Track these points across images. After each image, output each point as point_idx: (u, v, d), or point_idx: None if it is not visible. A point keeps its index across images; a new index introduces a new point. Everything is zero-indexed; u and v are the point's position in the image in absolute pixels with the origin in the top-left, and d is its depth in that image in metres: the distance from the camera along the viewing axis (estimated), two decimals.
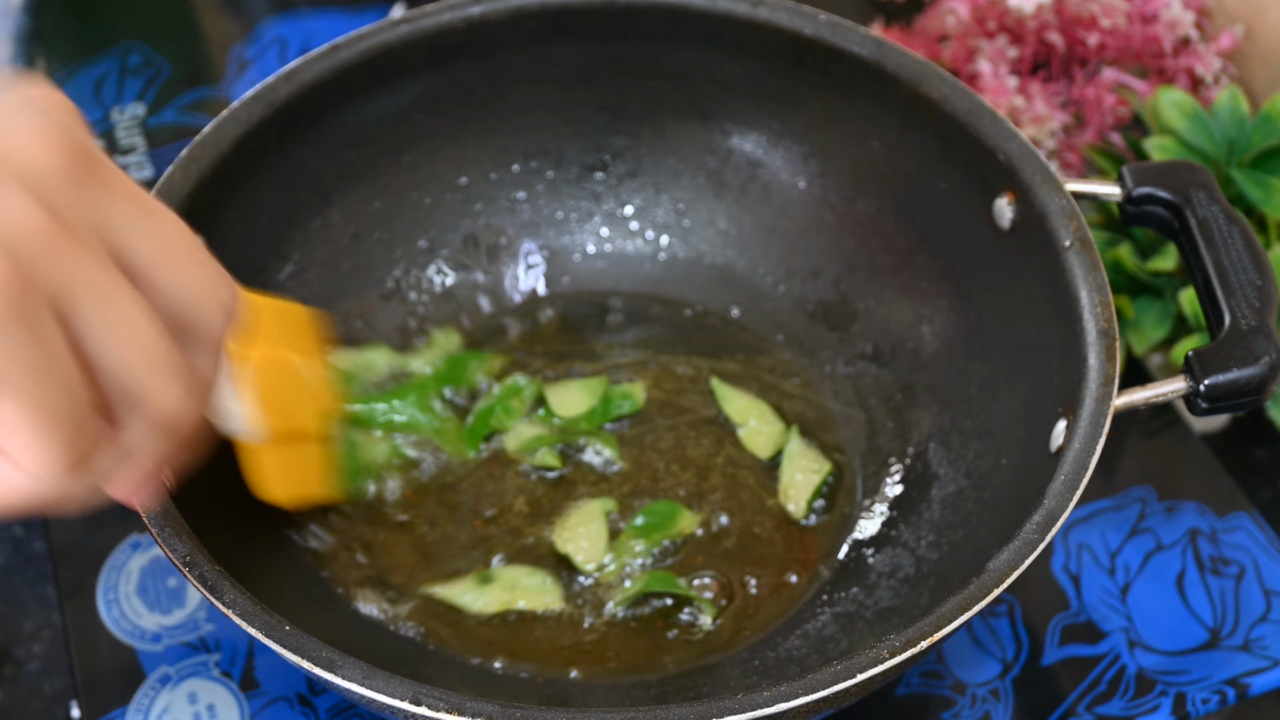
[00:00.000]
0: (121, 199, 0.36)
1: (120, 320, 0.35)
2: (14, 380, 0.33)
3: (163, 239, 0.37)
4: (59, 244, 0.34)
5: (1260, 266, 0.56)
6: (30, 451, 0.34)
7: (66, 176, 0.35)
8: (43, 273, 0.33)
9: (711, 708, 0.46)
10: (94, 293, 0.34)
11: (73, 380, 0.34)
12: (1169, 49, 0.75)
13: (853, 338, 0.69)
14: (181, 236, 0.38)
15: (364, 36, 0.65)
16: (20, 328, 0.33)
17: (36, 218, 0.34)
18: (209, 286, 0.38)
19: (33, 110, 0.36)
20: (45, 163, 0.35)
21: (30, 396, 0.33)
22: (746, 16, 0.66)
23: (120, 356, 0.35)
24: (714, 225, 0.71)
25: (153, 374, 0.36)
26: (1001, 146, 0.61)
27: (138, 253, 0.36)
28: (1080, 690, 0.61)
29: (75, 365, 0.34)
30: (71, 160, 0.35)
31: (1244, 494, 0.67)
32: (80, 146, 0.36)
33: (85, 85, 0.84)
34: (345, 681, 0.47)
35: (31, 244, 0.33)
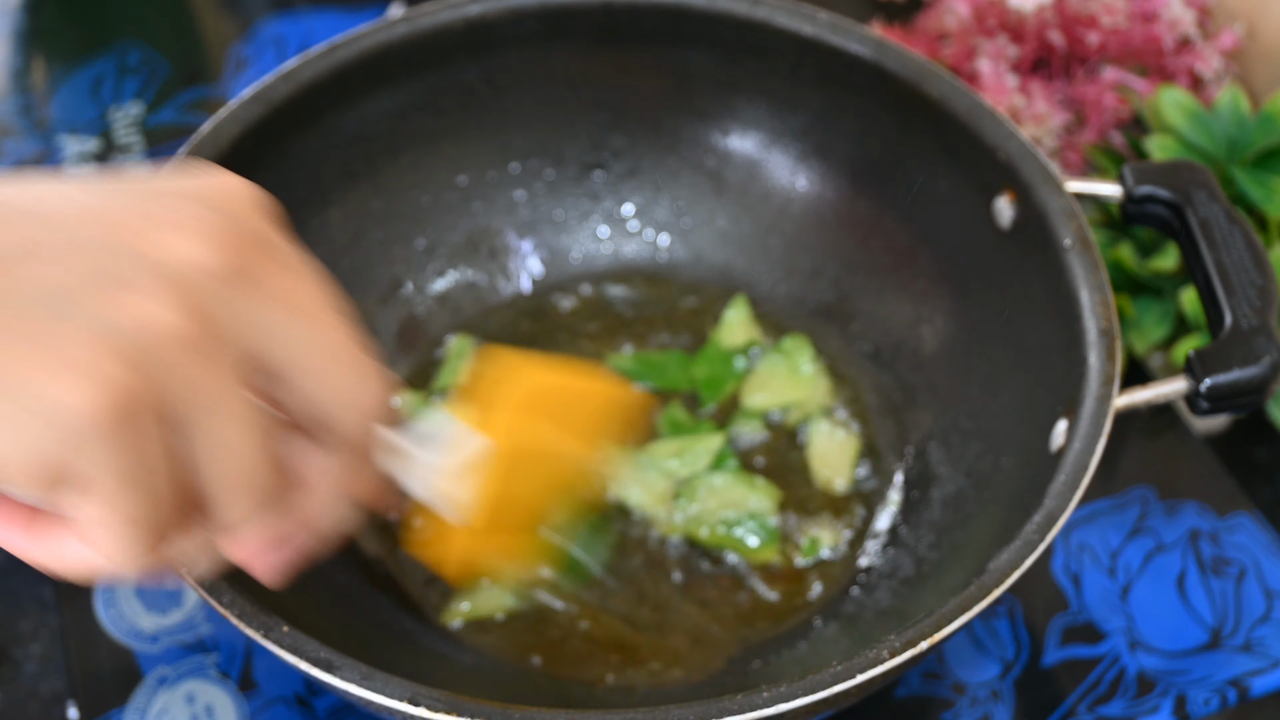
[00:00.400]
0: (277, 298, 0.36)
1: (224, 441, 0.35)
2: (102, 486, 0.33)
3: (310, 341, 0.36)
4: (188, 353, 0.33)
5: (1261, 266, 0.56)
6: (107, 546, 0.35)
7: (217, 277, 0.35)
8: (162, 382, 0.33)
9: (711, 708, 0.46)
10: (208, 408, 0.34)
11: (161, 490, 0.34)
12: (1169, 48, 0.75)
13: (852, 338, 0.68)
14: (333, 339, 0.37)
15: (362, 36, 0.65)
16: (121, 438, 0.33)
17: (172, 322, 0.33)
18: (347, 392, 0.37)
19: (199, 202, 0.36)
20: (198, 261, 0.34)
21: (115, 502, 0.34)
22: (746, 16, 0.66)
23: (213, 475, 0.35)
24: (714, 225, 0.71)
25: (237, 495, 0.36)
26: (1002, 146, 0.61)
27: (277, 356, 0.36)
28: (1081, 691, 0.60)
29: (168, 475, 0.34)
30: (227, 258, 0.35)
31: (1245, 494, 0.67)
32: (242, 244, 0.35)
33: (83, 84, 0.84)
34: (343, 682, 0.47)
35: (159, 351, 0.33)
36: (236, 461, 0.35)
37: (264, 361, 0.36)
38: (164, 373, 0.33)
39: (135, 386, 0.32)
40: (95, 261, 0.33)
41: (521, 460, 0.45)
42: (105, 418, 0.32)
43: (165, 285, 0.33)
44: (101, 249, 0.34)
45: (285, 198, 0.65)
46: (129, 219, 0.34)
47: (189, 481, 0.35)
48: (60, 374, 0.32)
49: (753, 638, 0.61)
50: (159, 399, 0.33)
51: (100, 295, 0.33)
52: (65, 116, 0.82)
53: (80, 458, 0.32)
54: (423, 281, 0.70)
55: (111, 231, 0.34)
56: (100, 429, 0.32)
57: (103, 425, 0.32)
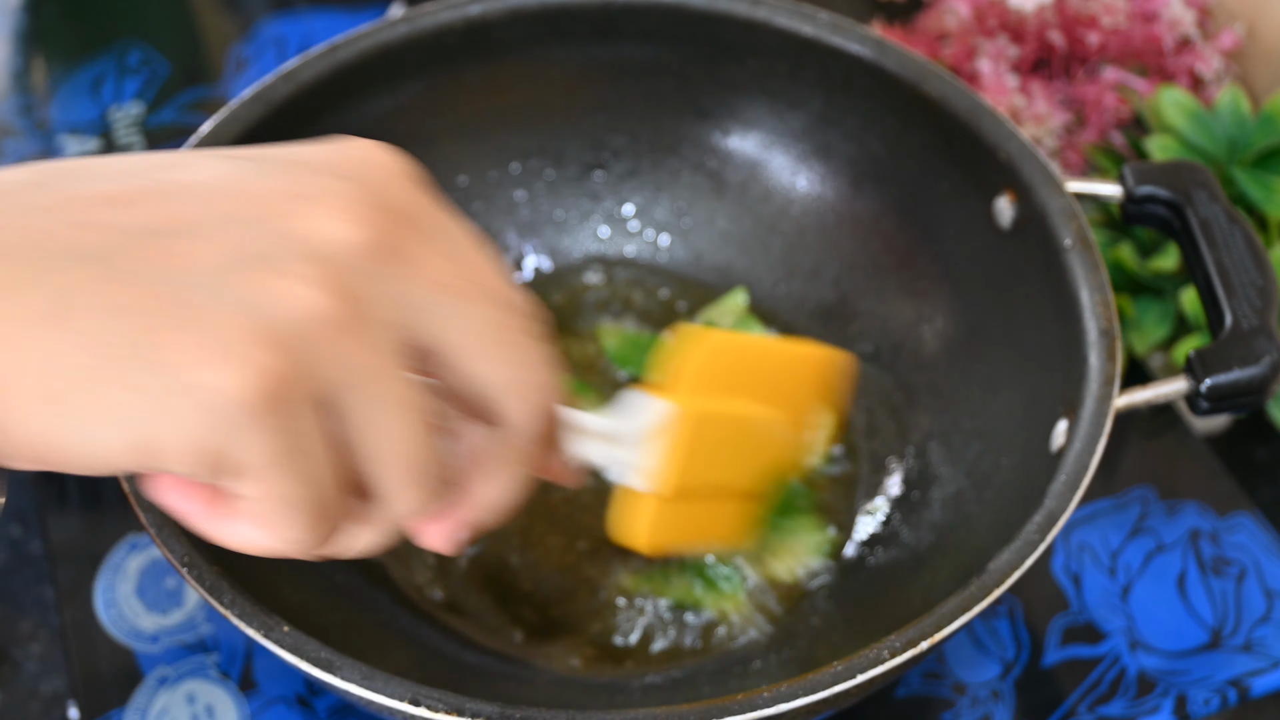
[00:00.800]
0: (430, 274, 0.34)
1: (384, 426, 0.34)
2: (257, 470, 0.33)
3: (468, 320, 0.35)
4: (339, 334, 0.33)
5: (1261, 266, 0.56)
6: (272, 529, 0.34)
7: (366, 255, 0.33)
8: (313, 366, 0.32)
9: (712, 708, 0.46)
10: (364, 391, 0.33)
11: (320, 474, 0.34)
12: (1170, 48, 0.75)
13: (853, 337, 0.68)
14: (492, 318, 0.35)
15: (362, 36, 0.65)
16: (274, 422, 0.32)
17: (323, 304, 0.32)
18: (513, 378, 0.36)
19: (344, 174, 0.35)
20: (346, 238, 0.33)
21: (270, 486, 0.33)
22: (746, 16, 0.66)
23: (377, 462, 0.34)
24: (714, 225, 0.71)
25: (402, 480, 0.35)
26: (1002, 146, 0.61)
27: (435, 337, 0.35)
28: (1081, 691, 0.60)
29: (327, 460, 0.34)
30: (376, 234, 0.34)
31: (1245, 494, 0.67)
32: (390, 218, 0.34)
33: (83, 84, 0.84)
34: (343, 682, 0.47)
35: (309, 335, 0.32)
36: (399, 447, 0.34)
37: (421, 342, 0.34)
38: (317, 356, 0.32)
39: (287, 370, 0.32)
40: (243, 241, 0.33)
41: (711, 425, 0.44)
42: (257, 402, 0.32)
43: (314, 266, 0.33)
44: (249, 228, 0.33)
45: None
46: (274, 196, 0.34)
47: (353, 466, 0.34)
48: (212, 358, 0.31)
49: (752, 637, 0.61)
50: (313, 383, 0.32)
51: (249, 276, 0.32)
52: (65, 116, 0.82)
53: (233, 442, 0.32)
54: None
55: (258, 209, 0.33)
56: (252, 413, 0.32)
57: (255, 410, 0.32)
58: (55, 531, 0.65)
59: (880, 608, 0.59)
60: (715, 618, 0.61)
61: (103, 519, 0.65)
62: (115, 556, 0.64)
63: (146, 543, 0.64)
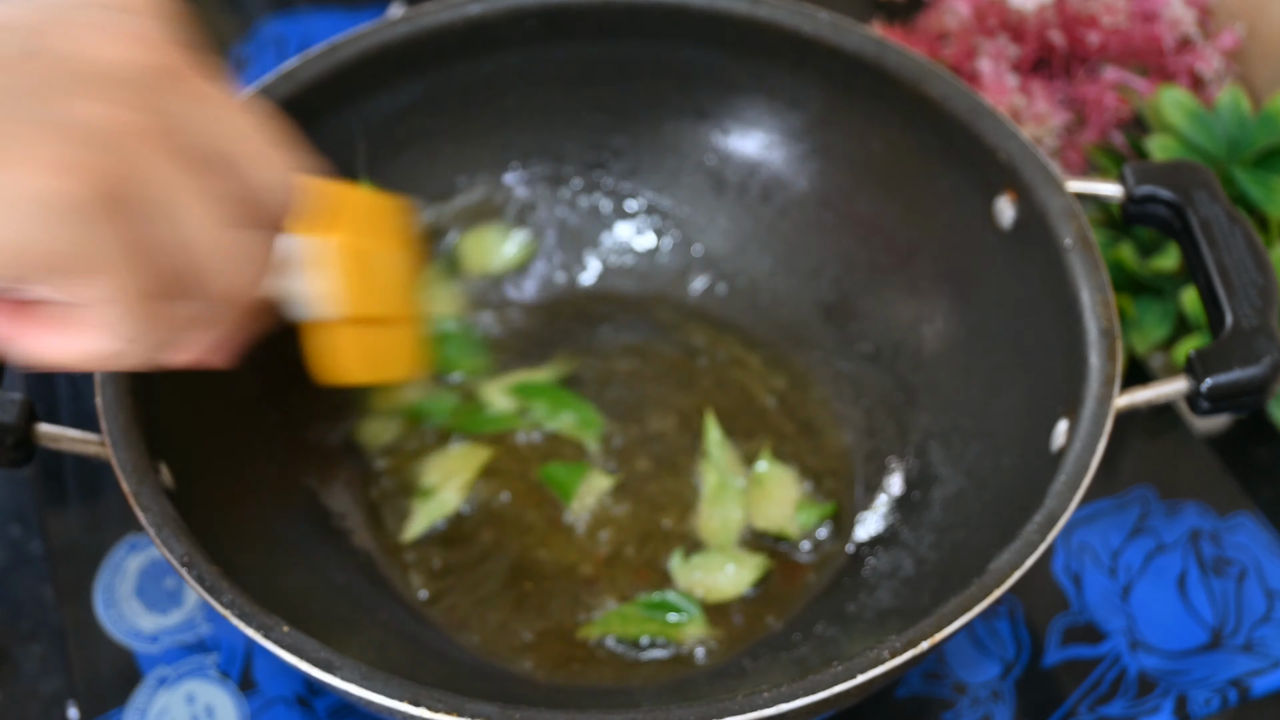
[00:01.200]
0: (205, 95, 0.39)
1: (190, 210, 0.38)
2: (109, 263, 0.36)
3: (243, 132, 0.39)
4: (150, 143, 0.37)
5: (1262, 266, 0.56)
6: (112, 324, 0.38)
7: (154, 74, 0.37)
8: (134, 168, 0.36)
9: (712, 709, 0.46)
10: (168, 184, 0.37)
11: (158, 264, 0.37)
12: (1170, 47, 0.75)
13: (853, 338, 0.68)
14: (253, 132, 0.40)
15: (362, 36, 0.65)
16: (116, 216, 0.36)
17: (131, 117, 0.36)
18: (274, 176, 0.40)
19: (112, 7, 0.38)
20: (134, 61, 0.37)
21: (123, 276, 0.36)
22: (746, 15, 0.66)
23: (187, 242, 0.38)
24: (714, 224, 0.71)
25: (214, 258, 0.39)
26: (1002, 146, 0.61)
27: (211, 145, 0.38)
28: (1081, 691, 0.60)
29: (160, 251, 0.37)
30: (156, 59, 0.38)
31: (1245, 494, 0.67)
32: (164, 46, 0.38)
33: None
34: (343, 682, 0.47)
35: (126, 142, 0.36)
36: (203, 226, 0.38)
37: (200, 149, 0.38)
38: (134, 160, 0.36)
39: (115, 170, 0.36)
40: (44, 68, 0.36)
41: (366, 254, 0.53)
42: (97, 199, 0.35)
43: (114, 86, 0.37)
44: (45, 58, 0.36)
45: None
46: (58, 28, 0.37)
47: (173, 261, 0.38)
48: (42, 166, 0.35)
49: (753, 638, 0.61)
50: (136, 184, 0.36)
51: (58, 98, 0.36)
52: None
53: (82, 239, 0.35)
54: None
55: (47, 40, 0.37)
56: (95, 210, 0.35)
57: (97, 206, 0.35)
58: (55, 531, 0.64)
59: (880, 608, 0.59)
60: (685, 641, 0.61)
61: (102, 519, 0.65)
62: (115, 556, 0.64)
63: (146, 543, 0.64)
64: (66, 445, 0.53)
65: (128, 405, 0.53)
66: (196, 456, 0.56)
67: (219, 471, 0.58)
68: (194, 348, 0.41)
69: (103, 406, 0.53)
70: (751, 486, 0.64)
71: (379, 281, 0.55)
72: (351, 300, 0.53)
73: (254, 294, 0.42)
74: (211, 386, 0.60)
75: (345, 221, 0.53)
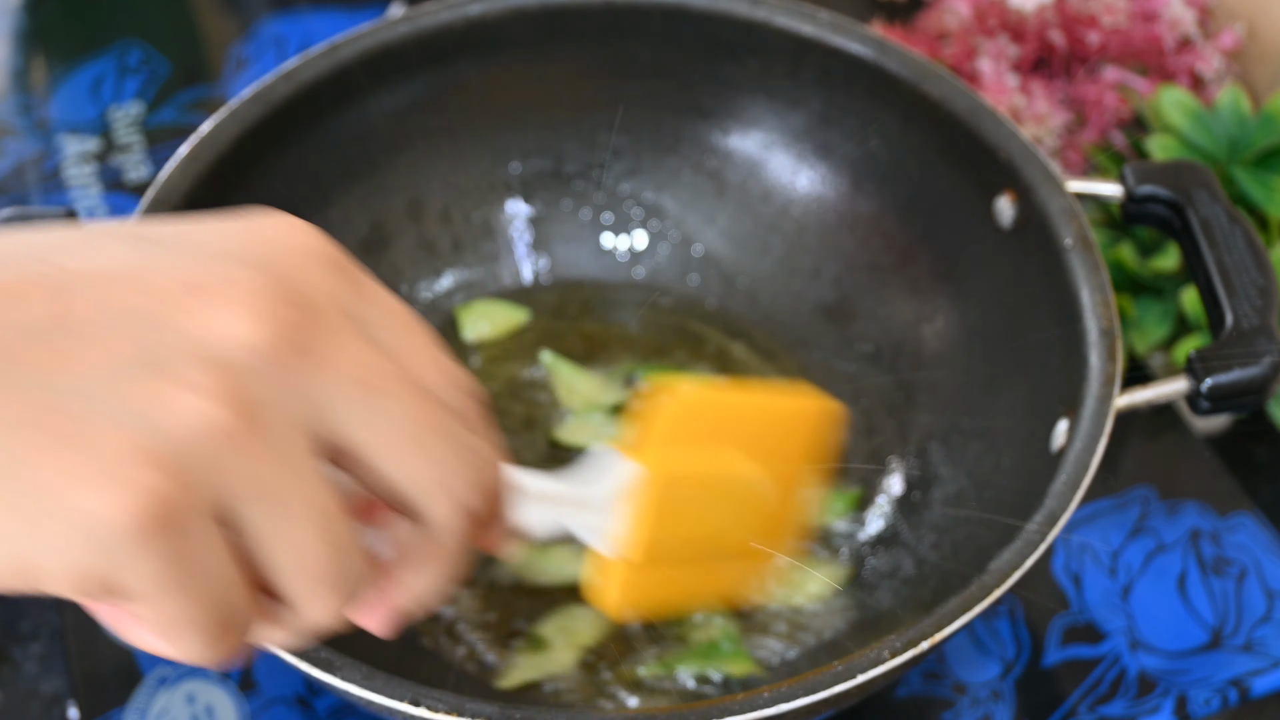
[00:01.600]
0: (341, 369, 0.32)
1: (290, 537, 0.31)
2: (144, 595, 0.30)
3: (382, 418, 0.32)
4: (233, 448, 0.30)
5: (1262, 266, 0.56)
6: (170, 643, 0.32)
7: (270, 354, 0.31)
8: (205, 483, 0.30)
9: (712, 709, 0.46)
10: (267, 504, 0.31)
11: (219, 592, 0.31)
12: (1170, 47, 0.75)
13: (853, 337, 0.68)
14: (410, 413, 0.33)
15: (362, 36, 0.64)
16: (160, 547, 0.30)
17: (215, 416, 0.30)
18: (434, 478, 0.33)
19: (252, 260, 0.32)
20: (245, 339, 0.30)
21: (160, 609, 0.31)
22: (746, 15, 0.66)
23: (282, 569, 0.32)
24: (714, 224, 0.71)
25: (314, 591, 0.32)
26: (1002, 146, 0.61)
27: (346, 438, 0.32)
28: (1081, 691, 0.60)
29: (226, 574, 0.31)
30: (281, 330, 0.31)
31: (1246, 494, 0.67)
32: (299, 310, 0.31)
33: (83, 84, 0.83)
34: (343, 682, 0.47)
35: (200, 451, 0.30)
36: (307, 558, 0.32)
37: (332, 444, 0.32)
38: (209, 473, 0.30)
39: (174, 492, 0.29)
40: (135, 342, 0.30)
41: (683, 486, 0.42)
42: (141, 528, 0.29)
43: (210, 372, 0.30)
44: (143, 326, 0.30)
45: (285, 198, 0.65)
46: (173, 288, 0.31)
47: (259, 578, 0.32)
48: (92, 479, 0.29)
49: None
50: (204, 502, 0.30)
51: (139, 385, 0.30)
52: (65, 116, 0.82)
53: (116, 569, 0.30)
54: (423, 281, 0.70)
55: (155, 303, 0.30)
56: (136, 540, 0.29)
57: (138, 536, 0.29)
58: None
59: (880, 608, 0.59)
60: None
61: None
62: None
63: None
64: None
65: None
66: None
67: None
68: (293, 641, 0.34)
69: None
70: None
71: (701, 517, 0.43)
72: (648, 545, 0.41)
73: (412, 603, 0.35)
74: None
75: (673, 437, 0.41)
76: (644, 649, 0.60)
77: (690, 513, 0.42)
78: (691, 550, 0.43)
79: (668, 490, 0.41)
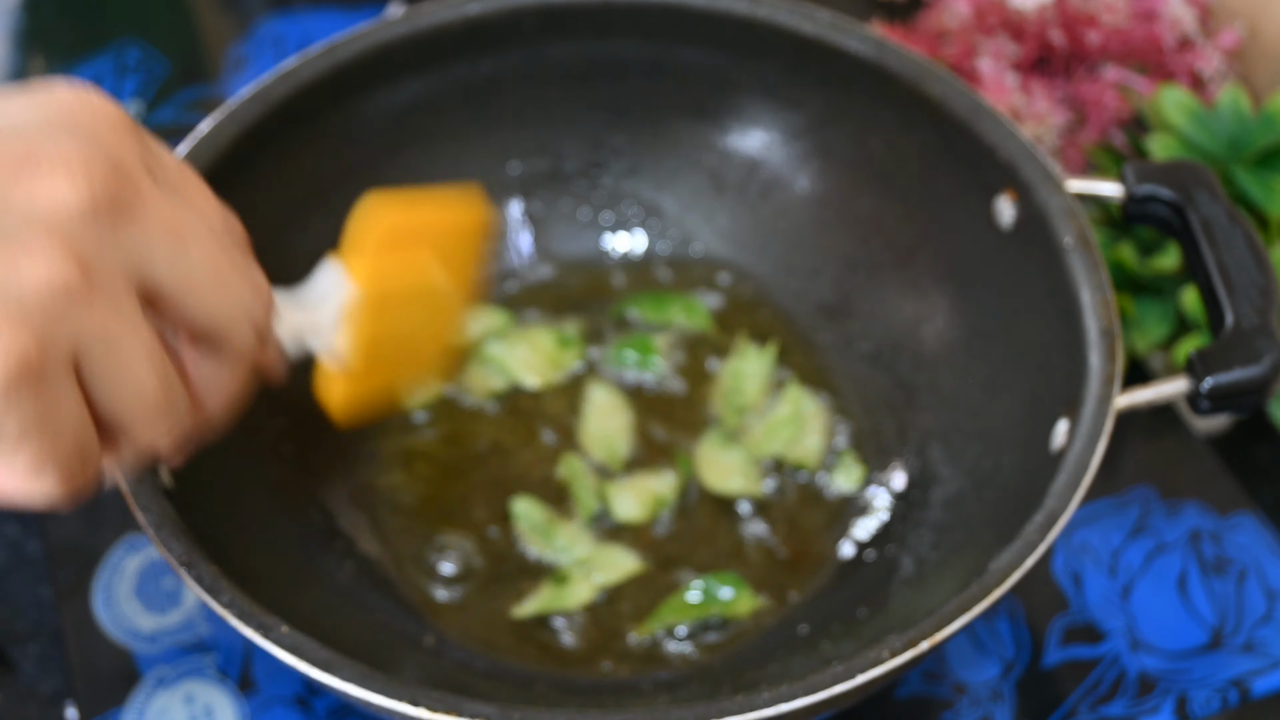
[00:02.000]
0: (152, 225, 0.36)
1: (130, 377, 0.36)
2: (14, 442, 0.34)
3: (190, 262, 0.37)
4: (80, 301, 0.34)
5: (1262, 266, 0.56)
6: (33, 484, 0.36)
7: (92, 214, 0.35)
8: (58, 334, 0.34)
9: (711, 709, 0.46)
10: (109, 349, 0.35)
11: (79, 427, 0.35)
12: (1170, 47, 0.75)
13: (853, 337, 0.68)
14: (210, 256, 0.38)
15: (362, 35, 0.64)
16: (34, 391, 0.34)
17: (58, 275, 0.34)
18: (233, 306, 0.39)
19: (60, 129, 0.36)
20: (71, 201, 0.34)
21: (38, 448, 0.35)
22: (746, 15, 0.66)
23: (120, 403, 0.36)
24: (714, 224, 0.71)
25: (148, 420, 0.37)
26: (1002, 145, 0.61)
27: (163, 281, 0.37)
28: (1081, 691, 0.60)
29: (75, 418, 0.35)
30: (99, 191, 0.35)
31: (1246, 494, 0.67)
32: (112, 170, 0.35)
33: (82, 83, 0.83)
34: (343, 682, 0.47)
35: (50, 305, 0.34)
36: (144, 394, 0.36)
37: (150, 288, 0.36)
38: (60, 324, 0.34)
39: (33, 345, 0.33)
40: None
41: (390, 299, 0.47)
42: (11, 383, 0.33)
43: (44, 235, 0.34)
44: None
45: (285, 198, 0.65)
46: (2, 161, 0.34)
47: (99, 413, 0.36)
48: None
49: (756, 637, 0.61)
50: (59, 350, 0.34)
51: None
52: None
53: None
54: None
55: None
56: (6, 394, 0.33)
57: (9, 390, 0.33)
58: (53, 531, 0.64)
59: (880, 608, 0.59)
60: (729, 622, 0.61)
61: (101, 519, 0.64)
62: (113, 556, 0.64)
63: (144, 543, 0.64)
64: None
65: None
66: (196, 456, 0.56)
67: (219, 471, 0.58)
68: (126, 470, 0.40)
69: None
70: None
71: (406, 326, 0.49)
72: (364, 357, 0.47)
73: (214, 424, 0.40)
74: None
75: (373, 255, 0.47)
76: (652, 603, 0.61)
77: (396, 319, 0.48)
78: (399, 350, 0.49)
79: (377, 306, 0.46)
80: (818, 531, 0.63)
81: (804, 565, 0.63)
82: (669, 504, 0.64)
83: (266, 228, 0.64)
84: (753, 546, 0.63)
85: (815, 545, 0.63)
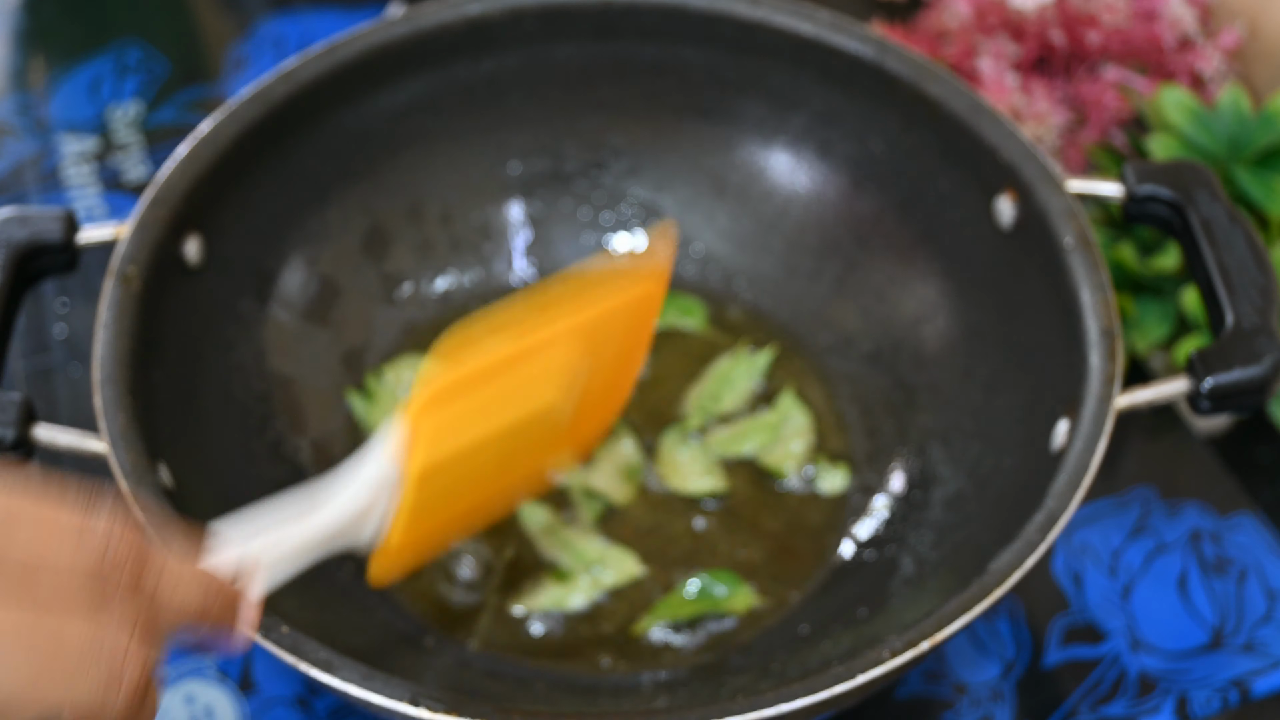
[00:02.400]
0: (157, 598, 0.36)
1: None
2: None
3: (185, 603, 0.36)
4: None
5: (1262, 265, 0.56)
6: None
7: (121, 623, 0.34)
8: None
9: (712, 710, 0.46)
10: None
11: None
12: (1171, 47, 0.75)
13: (853, 338, 0.68)
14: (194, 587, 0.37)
15: (362, 36, 0.64)
16: None
17: None
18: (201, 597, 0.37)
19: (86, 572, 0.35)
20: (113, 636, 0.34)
21: None
22: (746, 15, 0.66)
23: None
24: (714, 224, 0.71)
25: None
26: (1002, 145, 0.61)
27: None
28: (1082, 691, 0.60)
29: None
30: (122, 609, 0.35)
31: (1246, 494, 0.67)
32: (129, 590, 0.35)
33: (82, 83, 0.83)
34: (343, 682, 0.47)
35: None
36: None
37: None
38: None
39: None
40: None
41: (441, 470, 0.44)
42: None
43: None
44: None
45: (285, 197, 0.65)
46: None
47: None
48: None
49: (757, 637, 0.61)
50: None
51: None
52: (64, 115, 0.82)
53: None
54: (422, 281, 0.70)
55: None
56: None
57: None
58: None
59: (880, 608, 0.59)
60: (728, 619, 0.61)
61: None
62: None
63: None
64: (65, 445, 0.53)
65: (127, 405, 0.53)
66: (196, 456, 0.56)
67: (219, 471, 0.58)
68: None
69: (102, 406, 0.53)
70: None
71: (470, 480, 0.45)
72: (415, 529, 0.44)
73: None
74: (213, 386, 0.60)
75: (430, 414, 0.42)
76: (650, 602, 0.61)
77: (454, 485, 0.44)
78: (460, 507, 0.45)
79: (424, 482, 0.43)
80: (818, 531, 0.63)
81: (804, 565, 0.63)
82: (641, 468, 0.64)
83: (265, 228, 0.65)
84: (753, 547, 0.63)
85: (815, 545, 0.63)
